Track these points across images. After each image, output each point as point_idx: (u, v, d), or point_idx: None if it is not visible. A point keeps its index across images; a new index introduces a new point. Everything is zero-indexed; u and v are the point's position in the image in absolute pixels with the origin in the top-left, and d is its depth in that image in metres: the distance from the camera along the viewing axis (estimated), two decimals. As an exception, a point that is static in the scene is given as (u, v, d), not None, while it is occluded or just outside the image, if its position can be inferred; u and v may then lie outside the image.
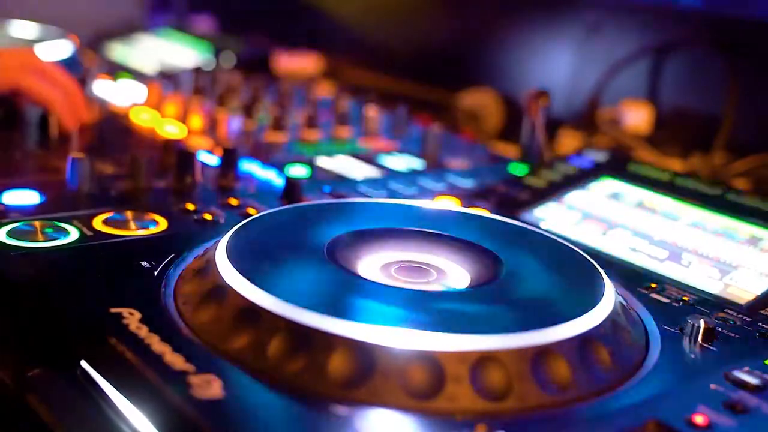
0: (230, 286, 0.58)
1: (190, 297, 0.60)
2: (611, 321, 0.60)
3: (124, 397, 0.54)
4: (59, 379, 0.58)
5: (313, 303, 0.55)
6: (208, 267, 0.62)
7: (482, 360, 0.53)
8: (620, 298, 0.65)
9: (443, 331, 0.53)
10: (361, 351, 0.52)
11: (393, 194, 0.92)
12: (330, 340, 0.53)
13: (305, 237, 0.69)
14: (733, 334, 0.65)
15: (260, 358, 0.54)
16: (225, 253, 0.62)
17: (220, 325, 0.56)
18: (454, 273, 0.68)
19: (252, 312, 0.55)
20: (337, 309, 0.54)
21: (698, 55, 1.34)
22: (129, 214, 0.77)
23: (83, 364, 0.57)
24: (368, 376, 0.52)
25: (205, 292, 0.59)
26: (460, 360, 0.53)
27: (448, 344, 0.53)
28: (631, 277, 0.75)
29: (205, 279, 0.61)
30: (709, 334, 0.64)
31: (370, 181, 0.96)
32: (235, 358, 0.54)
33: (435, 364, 0.52)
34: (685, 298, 0.71)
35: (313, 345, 0.53)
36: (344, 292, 0.59)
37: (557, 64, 1.49)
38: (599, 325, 0.58)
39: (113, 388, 0.55)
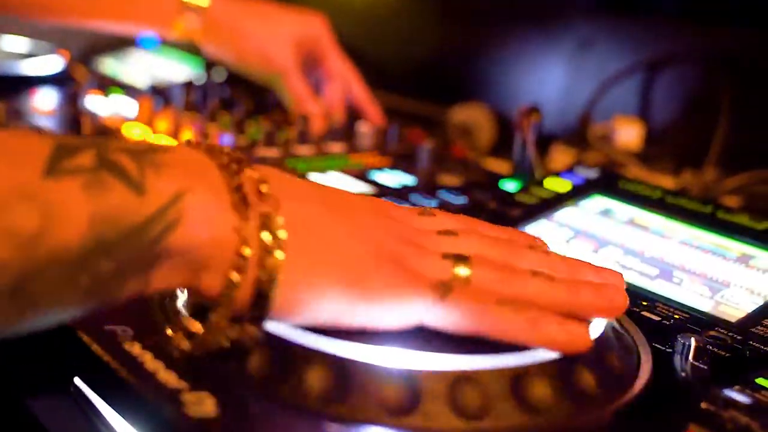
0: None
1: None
2: (602, 340, 0.60)
3: (118, 414, 0.54)
4: (53, 395, 0.58)
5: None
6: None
7: (460, 380, 0.53)
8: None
9: (422, 350, 0.54)
10: (341, 368, 0.53)
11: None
12: (310, 356, 0.53)
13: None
14: (723, 353, 0.65)
15: (251, 375, 0.54)
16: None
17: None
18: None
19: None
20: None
21: (690, 71, 1.34)
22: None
23: (77, 380, 0.57)
24: (349, 393, 0.52)
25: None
26: (438, 379, 0.53)
27: (426, 363, 0.53)
28: (623, 295, 0.75)
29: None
30: (699, 352, 0.64)
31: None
32: (229, 375, 0.54)
33: (413, 382, 0.52)
34: (676, 316, 0.71)
35: (296, 361, 0.53)
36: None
37: (549, 80, 1.49)
38: (596, 340, 0.59)
39: (106, 405, 0.55)
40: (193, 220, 0.50)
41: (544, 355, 0.56)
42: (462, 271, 0.57)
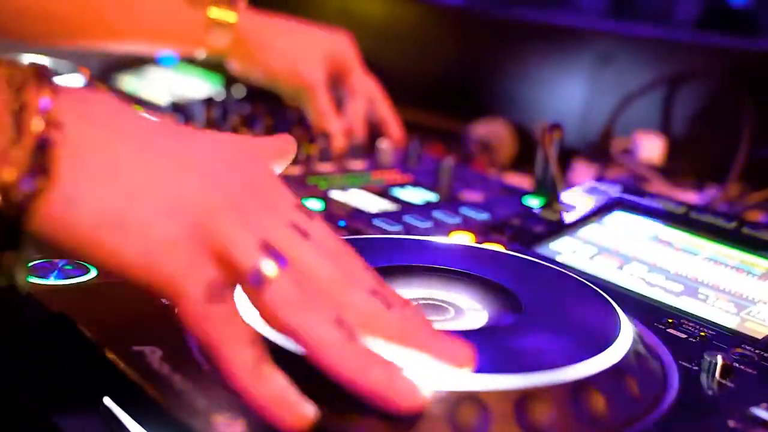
0: (248, 322, 0.58)
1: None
2: (633, 355, 0.60)
3: (147, 434, 0.54)
4: (82, 415, 0.58)
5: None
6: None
7: (526, 397, 0.53)
8: (637, 334, 0.65)
9: (484, 371, 0.54)
10: None
11: (408, 228, 0.92)
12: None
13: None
14: (750, 370, 0.65)
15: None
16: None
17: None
18: (472, 311, 0.68)
19: (273, 349, 0.55)
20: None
21: (711, 85, 1.34)
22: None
23: (106, 400, 0.57)
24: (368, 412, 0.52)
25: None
26: (503, 399, 0.53)
27: (490, 383, 0.53)
28: (648, 312, 0.75)
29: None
30: (726, 370, 0.64)
31: (384, 215, 0.96)
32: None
33: (480, 404, 0.52)
34: (702, 333, 0.71)
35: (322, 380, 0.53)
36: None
37: (570, 94, 1.49)
38: (623, 359, 0.59)
39: (136, 424, 0.55)
40: None
41: (569, 375, 0.56)
42: (269, 267, 0.51)
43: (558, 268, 0.76)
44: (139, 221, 0.50)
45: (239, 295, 0.53)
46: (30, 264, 0.50)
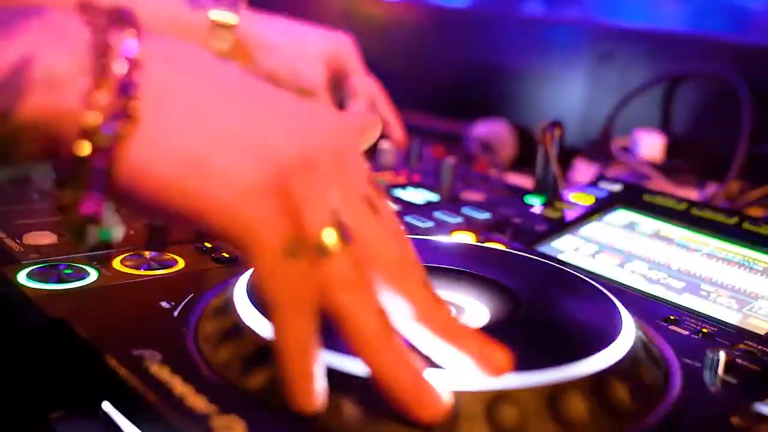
0: (249, 326, 0.58)
1: (210, 337, 0.60)
2: (631, 356, 0.60)
3: (147, 438, 0.54)
4: (81, 419, 0.58)
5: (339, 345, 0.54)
6: (227, 306, 0.62)
7: (556, 393, 0.54)
8: (640, 331, 0.65)
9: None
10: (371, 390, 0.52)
11: (410, 229, 0.92)
12: (341, 380, 0.52)
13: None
14: (753, 366, 0.65)
15: (281, 398, 0.53)
16: (244, 291, 0.62)
17: (242, 365, 0.56)
18: (474, 309, 0.68)
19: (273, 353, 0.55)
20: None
21: (711, 82, 1.34)
22: (147, 253, 0.77)
23: (105, 405, 0.57)
24: (382, 415, 0.51)
25: (225, 332, 0.59)
26: (537, 395, 0.53)
27: (521, 381, 0.53)
28: (649, 309, 0.75)
29: (225, 318, 0.61)
30: (729, 366, 0.64)
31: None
32: (259, 398, 0.54)
33: (515, 401, 0.52)
34: (704, 330, 0.71)
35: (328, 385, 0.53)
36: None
37: (570, 94, 1.49)
38: (626, 355, 0.59)
39: (136, 429, 0.55)
40: (39, 88, 0.46)
41: (574, 371, 0.55)
42: (333, 239, 0.49)
43: (560, 266, 0.76)
44: (223, 164, 0.48)
45: None
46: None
